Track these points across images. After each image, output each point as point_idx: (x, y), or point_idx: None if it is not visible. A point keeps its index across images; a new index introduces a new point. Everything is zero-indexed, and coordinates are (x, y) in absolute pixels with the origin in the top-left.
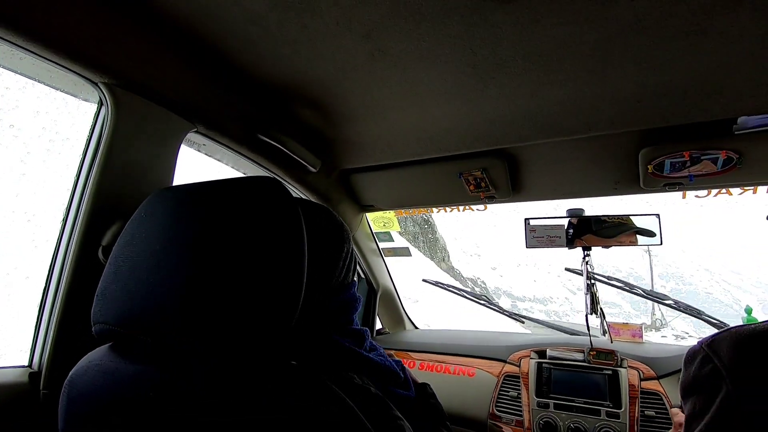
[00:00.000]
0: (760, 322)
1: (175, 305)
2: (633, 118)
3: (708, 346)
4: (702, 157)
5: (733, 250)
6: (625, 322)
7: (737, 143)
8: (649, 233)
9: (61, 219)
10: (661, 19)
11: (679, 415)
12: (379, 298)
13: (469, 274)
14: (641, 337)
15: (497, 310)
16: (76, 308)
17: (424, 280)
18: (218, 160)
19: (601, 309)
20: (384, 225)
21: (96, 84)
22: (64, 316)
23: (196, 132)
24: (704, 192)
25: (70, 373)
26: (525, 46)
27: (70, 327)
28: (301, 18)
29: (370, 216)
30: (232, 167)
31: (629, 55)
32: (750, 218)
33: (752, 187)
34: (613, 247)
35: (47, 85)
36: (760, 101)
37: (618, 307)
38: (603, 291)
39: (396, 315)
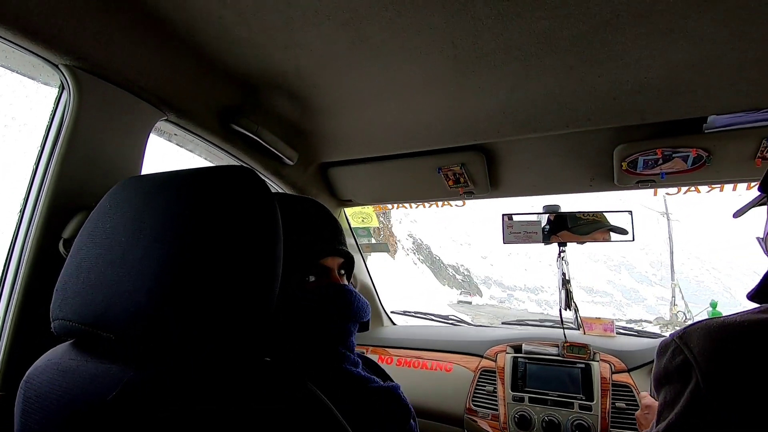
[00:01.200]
0: (730, 315)
1: (141, 299)
2: (609, 115)
3: (679, 338)
4: (674, 155)
5: (724, 240)
6: (598, 317)
7: (707, 142)
8: (623, 230)
9: (18, 210)
10: (638, 16)
11: (647, 398)
12: None
13: (451, 261)
14: (613, 331)
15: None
16: (34, 305)
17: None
18: (190, 151)
19: (575, 304)
20: (362, 220)
21: (56, 66)
22: (22, 313)
23: (167, 120)
24: (674, 189)
25: (27, 372)
26: (505, 40)
27: (28, 325)
28: (277, 2)
29: (349, 211)
30: (205, 159)
31: (606, 51)
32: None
33: (719, 185)
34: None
35: (1, 65)
36: (729, 101)
37: (609, 296)
38: (595, 280)
39: (373, 311)
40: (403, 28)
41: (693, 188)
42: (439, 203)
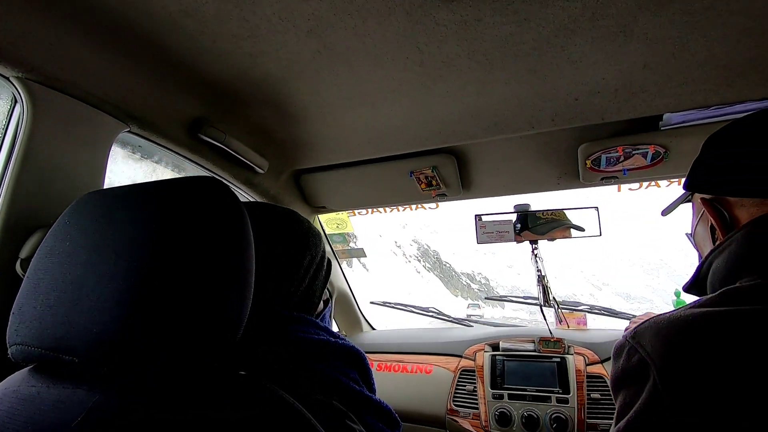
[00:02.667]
0: (675, 310)
1: (104, 318)
2: (571, 115)
3: (633, 338)
4: (634, 152)
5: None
6: (571, 310)
7: (664, 138)
8: (590, 225)
9: None
10: (592, 20)
11: None
12: (335, 301)
13: (466, 269)
14: (585, 324)
15: (447, 319)
16: None
17: (371, 302)
18: (156, 163)
19: (554, 299)
20: (337, 226)
21: (7, 78)
22: None
23: (130, 132)
24: (636, 185)
25: None
26: (469, 45)
27: None
28: (240, 11)
29: (323, 218)
30: (172, 170)
31: (564, 55)
32: None
33: (677, 179)
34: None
35: None
36: (682, 99)
37: (649, 302)
38: (632, 285)
39: (353, 317)
40: (368, 35)
41: (654, 183)
42: (413, 206)
